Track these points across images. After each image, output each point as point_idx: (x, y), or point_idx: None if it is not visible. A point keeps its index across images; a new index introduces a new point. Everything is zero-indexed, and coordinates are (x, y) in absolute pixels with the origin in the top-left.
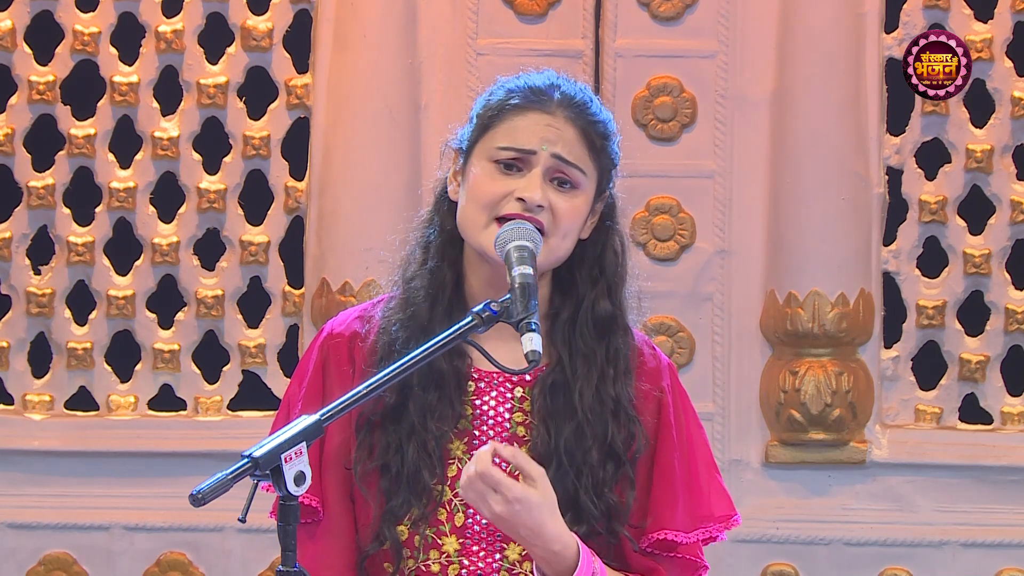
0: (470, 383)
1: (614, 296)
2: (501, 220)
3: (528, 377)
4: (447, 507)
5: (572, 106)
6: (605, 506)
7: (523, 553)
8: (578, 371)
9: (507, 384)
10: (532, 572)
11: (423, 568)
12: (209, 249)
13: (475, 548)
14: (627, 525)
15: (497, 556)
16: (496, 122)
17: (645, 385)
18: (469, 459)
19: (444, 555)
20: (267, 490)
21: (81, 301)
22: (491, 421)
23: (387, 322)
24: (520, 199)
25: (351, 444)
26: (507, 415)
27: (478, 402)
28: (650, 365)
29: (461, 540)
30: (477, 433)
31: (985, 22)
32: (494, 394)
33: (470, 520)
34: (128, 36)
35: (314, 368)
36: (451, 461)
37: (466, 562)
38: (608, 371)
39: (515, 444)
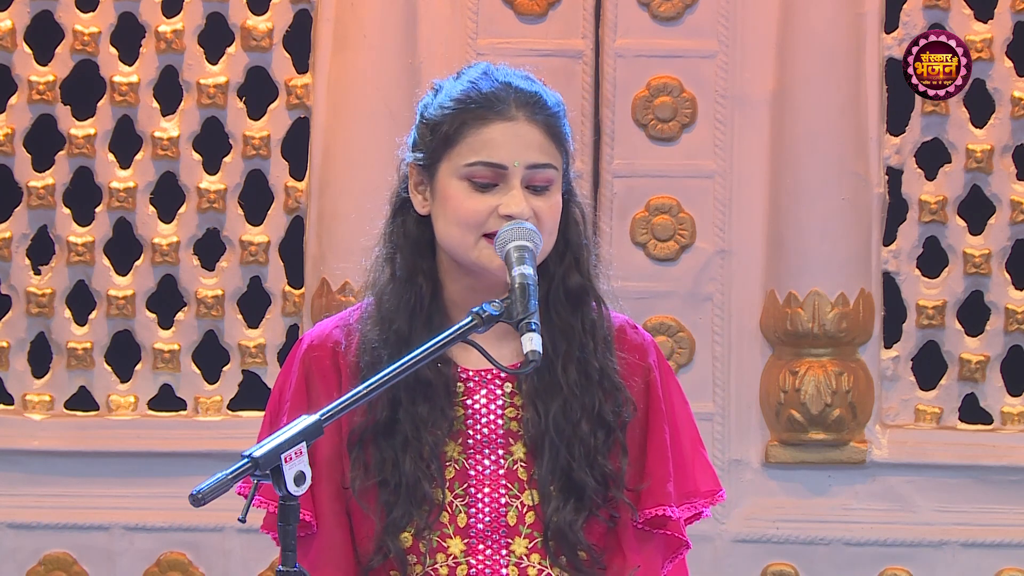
0: (459, 384)
1: (581, 267)
2: (490, 236)
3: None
4: (448, 509)
5: (529, 104)
6: (600, 475)
7: (530, 546)
8: (559, 347)
9: (496, 381)
10: (540, 564)
11: (431, 572)
12: (209, 249)
13: (480, 547)
14: (624, 490)
15: (504, 552)
16: (459, 136)
17: (631, 364)
18: (465, 459)
19: (451, 557)
20: (258, 505)
21: (81, 301)
22: (484, 419)
23: (366, 340)
24: (507, 215)
25: (343, 457)
26: (499, 411)
27: (469, 401)
28: (635, 342)
29: (466, 540)
30: (471, 432)
31: (985, 22)
32: (484, 392)
33: (473, 519)
34: (128, 36)
35: (296, 381)
36: (447, 464)
37: (473, 561)
38: (587, 342)
39: (510, 439)
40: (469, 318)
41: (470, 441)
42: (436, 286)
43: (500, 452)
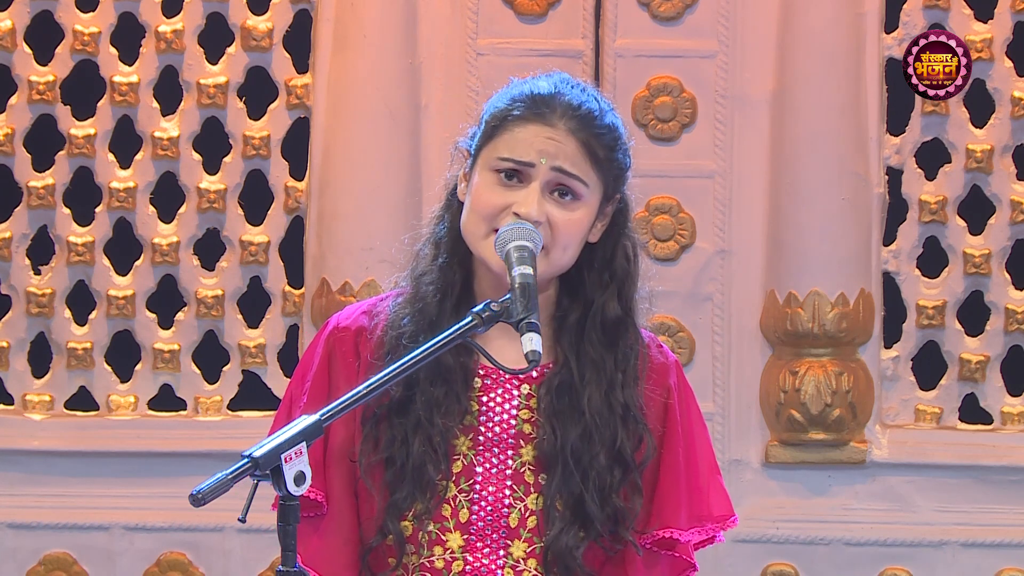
0: (476, 379)
1: (624, 300)
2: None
3: (534, 374)
4: (451, 503)
5: (575, 117)
6: (611, 511)
7: (528, 550)
8: (586, 376)
9: (513, 381)
10: (537, 570)
11: (427, 564)
12: (209, 249)
13: (479, 544)
14: (632, 530)
15: (501, 553)
16: (499, 131)
17: (652, 385)
18: (474, 455)
19: (448, 551)
20: None
21: (81, 301)
22: (497, 418)
23: (396, 316)
24: (517, 214)
25: (356, 438)
26: (514, 412)
27: (484, 398)
28: (657, 362)
29: (465, 536)
30: (483, 430)
31: (985, 22)
32: (500, 391)
33: (474, 516)
34: (128, 36)
35: (320, 361)
36: (456, 457)
37: (470, 558)
38: (617, 377)
39: (520, 441)
40: (469, 318)
41: (480, 438)
42: (469, 275)
43: (509, 452)
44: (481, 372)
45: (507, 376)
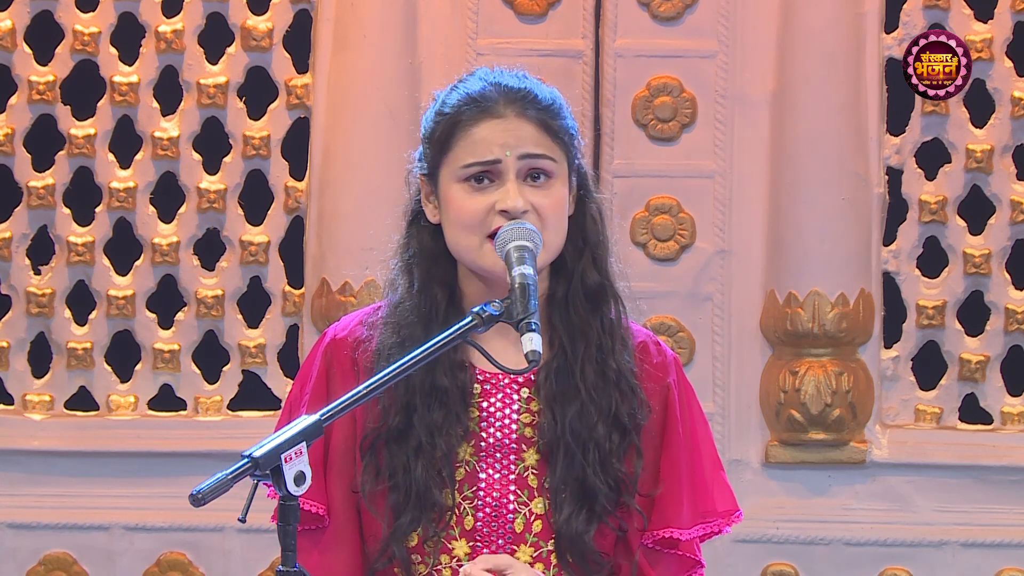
0: (475, 385)
1: (600, 265)
2: (493, 237)
3: (532, 376)
4: (456, 511)
5: (519, 100)
6: (613, 479)
7: (534, 555)
8: (578, 348)
9: (513, 385)
10: (544, 573)
11: (435, 573)
12: (209, 249)
13: (485, 551)
14: (636, 495)
15: None
16: (452, 141)
17: (651, 382)
18: (476, 461)
19: (455, 559)
20: (271, 496)
21: (81, 301)
22: (498, 423)
23: (383, 346)
24: (503, 211)
25: (355, 453)
26: (514, 416)
27: (484, 404)
28: (656, 360)
29: (471, 543)
30: (484, 436)
31: (985, 22)
32: (500, 396)
33: (479, 523)
34: (128, 36)
35: (318, 373)
36: (458, 464)
37: None
38: (605, 341)
39: (523, 446)
40: (469, 318)
41: (482, 444)
42: (453, 293)
43: (512, 458)
44: (480, 378)
45: (506, 381)
